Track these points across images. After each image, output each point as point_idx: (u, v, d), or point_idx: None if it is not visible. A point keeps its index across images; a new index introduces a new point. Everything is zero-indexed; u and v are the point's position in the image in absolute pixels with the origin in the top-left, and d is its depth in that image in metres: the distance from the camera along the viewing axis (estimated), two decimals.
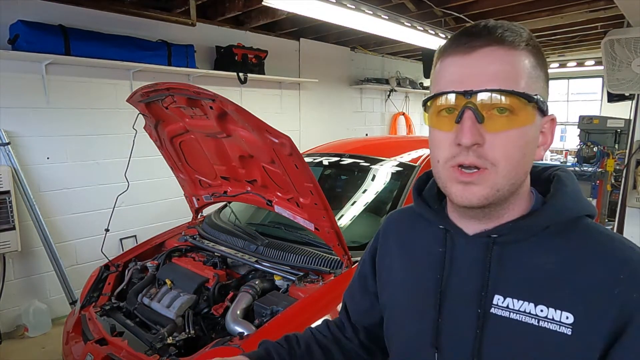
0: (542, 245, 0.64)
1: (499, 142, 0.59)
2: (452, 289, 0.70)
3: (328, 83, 5.53)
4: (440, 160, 0.64)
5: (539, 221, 0.65)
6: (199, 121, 1.87)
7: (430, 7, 3.86)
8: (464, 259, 0.69)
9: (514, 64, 0.59)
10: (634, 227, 2.95)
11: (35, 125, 3.12)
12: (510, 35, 0.59)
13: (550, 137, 0.66)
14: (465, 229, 0.70)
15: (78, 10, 3.23)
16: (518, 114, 0.59)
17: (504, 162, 0.60)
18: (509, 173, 0.60)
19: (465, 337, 0.66)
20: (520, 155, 0.61)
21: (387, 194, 2.31)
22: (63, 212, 3.33)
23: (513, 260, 0.65)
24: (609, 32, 2.66)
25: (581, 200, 0.67)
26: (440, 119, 0.63)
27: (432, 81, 0.66)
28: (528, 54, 0.60)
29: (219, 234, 2.30)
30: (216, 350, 1.51)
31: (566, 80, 8.59)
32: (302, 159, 1.61)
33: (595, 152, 4.57)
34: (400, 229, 0.85)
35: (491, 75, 0.58)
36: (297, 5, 3.04)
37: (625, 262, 0.60)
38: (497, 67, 0.59)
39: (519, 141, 0.60)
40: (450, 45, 0.63)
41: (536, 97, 0.59)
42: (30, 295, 3.19)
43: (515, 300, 0.63)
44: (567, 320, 0.59)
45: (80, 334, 1.93)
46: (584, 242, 0.63)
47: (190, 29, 3.65)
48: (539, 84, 0.62)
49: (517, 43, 0.60)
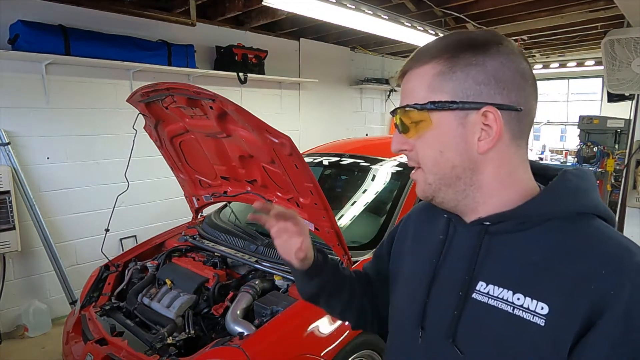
0: (535, 237, 0.65)
1: (418, 145, 0.71)
2: (443, 274, 0.73)
3: (328, 83, 5.53)
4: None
5: (528, 211, 0.66)
6: (199, 121, 1.87)
7: (430, 7, 3.86)
8: (460, 246, 0.73)
9: (416, 81, 0.69)
10: (634, 227, 2.95)
11: (35, 125, 3.12)
12: (421, 55, 0.69)
13: (496, 128, 0.65)
14: (464, 218, 0.73)
15: (78, 10, 3.23)
16: (422, 120, 0.68)
17: (424, 160, 0.71)
18: (433, 167, 0.70)
19: (445, 318, 0.69)
20: (438, 154, 0.69)
21: (387, 194, 2.31)
22: (63, 212, 3.33)
23: (501, 249, 0.67)
24: (609, 32, 2.67)
25: (585, 197, 0.66)
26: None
27: None
28: (434, 66, 0.67)
29: (219, 234, 2.30)
30: (216, 350, 1.51)
31: (566, 80, 8.59)
32: (302, 159, 1.61)
33: (595, 152, 4.58)
34: (419, 218, 0.90)
35: (405, 95, 0.71)
36: (297, 5, 3.04)
37: (613, 259, 0.58)
38: (407, 87, 0.71)
39: (433, 142, 0.69)
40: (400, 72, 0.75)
41: (427, 104, 0.67)
42: (30, 295, 3.19)
43: (496, 287, 0.65)
44: (542, 310, 0.59)
45: (80, 334, 1.94)
46: (576, 237, 0.63)
47: (190, 29, 3.64)
48: (448, 88, 0.66)
49: (424, 61, 0.68)
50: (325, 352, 1.58)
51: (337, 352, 1.61)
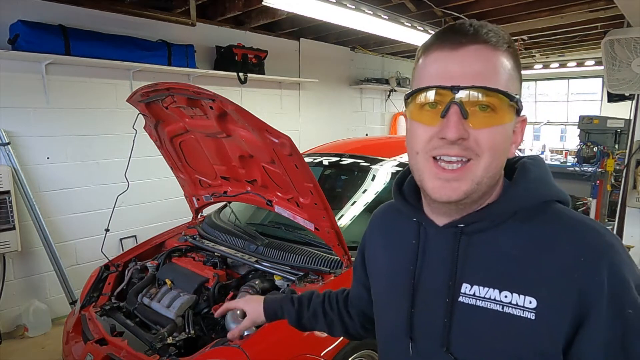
0: (508, 232, 0.65)
1: (482, 137, 0.60)
2: (424, 280, 0.71)
3: (328, 83, 5.53)
4: (419, 152, 0.65)
5: (501, 208, 0.66)
6: (199, 121, 1.87)
7: (430, 7, 3.86)
8: (435, 251, 0.71)
9: (496, 64, 0.61)
10: (634, 227, 2.95)
11: (35, 125, 3.12)
12: (494, 37, 0.61)
13: (521, 136, 0.68)
14: (436, 221, 0.71)
15: (78, 10, 3.23)
16: (499, 111, 0.61)
17: (488, 154, 0.61)
18: (489, 165, 0.62)
19: (435, 326, 0.68)
20: (501, 151, 0.63)
21: (387, 194, 2.31)
22: (63, 212, 3.33)
23: (480, 249, 0.66)
24: (609, 32, 2.67)
25: (547, 185, 0.68)
26: (422, 113, 0.64)
27: (414, 76, 0.68)
28: (508, 56, 0.62)
29: (219, 234, 2.30)
30: (216, 350, 1.51)
31: (566, 80, 8.58)
32: (302, 159, 1.61)
33: (595, 152, 4.57)
34: (384, 222, 0.87)
35: (476, 72, 0.60)
36: (297, 5, 3.04)
37: (586, 245, 0.60)
38: (482, 65, 0.60)
39: (499, 136, 0.62)
40: (435, 41, 0.63)
41: (517, 97, 0.62)
42: (30, 295, 3.19)
43: (481, 288, 0.64)
44: (531, 304, 0.60)
45: (80, 334, 1.93)
46: (549, 226, 0.64)
47: (190, 29, 3.64)
48: (517, 85, 0.64)
49: (499, 44, 0.61)
50: (325, 352, 1.58)
51: (337, 352, 1.61)
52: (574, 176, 4.61)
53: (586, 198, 4.67)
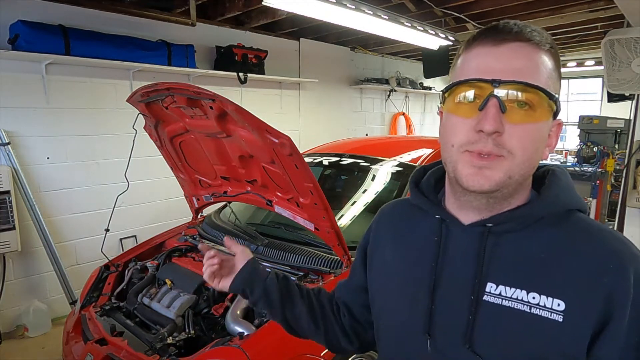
0: (535, 235, 0.66)
1: (517, 134, 0.60)
2: (446, 277, 0.71)
3: (328, 83, 5.53)
4: (455, 145, 0.64)
5: (534, 211, 0.66)
6: (199, 121, 1.87)
7: (430, 7, 3.86)
8: (459, 248, 0.71)
9: (538, 62, 0.61)
10: (634, 227, 2.95)
11: (35, 125, 3.12)
12: (537, 36, 0.61)
13: (555, 140, 0.69)
14: (461, 219, 0.71)
15: (78, 10, 3.23)
16: (537, 109, 0.61)
17: (521, 152, 0.61)
18: (523, 163, 0.62)
19: (457, 323, 0.67)
20: (534, 149, 0.63)
21: (387, 194, 2.31)
22: (63, 212, 3.33)
23: (506, 249, 0.67)
24: (609, 32, 2.67)
25: (573, 195, 0.70)
26: (460, 106, 0.64)
27: (454, 71, 0.68)
28: (550, 56, 0.63)
29: (219, 234, 2.30)
30: (216, 350, 1.51)
31: (566, 80, 8.58)
32: (302, 159, 1.61)
33: (595, 152, 4.57)
34: (394, 220, 0.86)
35: (517, 68, 0.60)
36: (297, 5, 3.04)
37: (614, 252, 0.62)
38: (524, 62, 0.60)
39: (534, 135, 0.62)
40: (478, 38, 0.64)
41: (556, 96, 0.62)
42: (30, 295, 3.19)
43: (507, 288, 0.64)
44: (559, 307, 0.61)
45: (80, 334, 1.93)
46: (575, 233, 0.65)
47: (190, 29, 3.64)
48: (557, 86, 0.64)
49: (542, 44, 0.61)
50: (326, 352, 1.58)
51: None
52: (574, 176, 4.60)
53: (586, 198, 4.67)
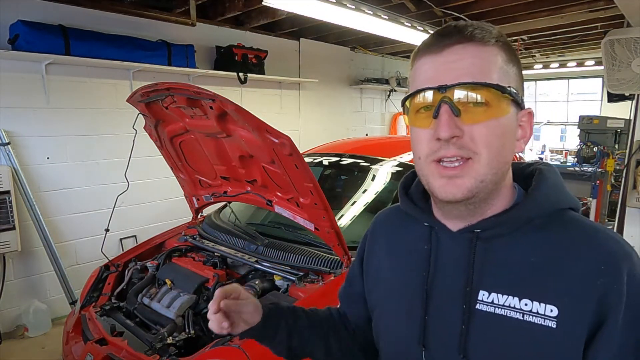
0: (525, 239, 0.65)
1: (477, 133, 0.60)
2: (438, 287, 0.70)
3: (328, 83, 5.53)
4: (421, 157, 0.65)
5: (521, 213, 0.65)
6: (199, 121, 1.87)
7: (430, 7, 3.86)
8: (449, 256, 0.70)
9: (485, 58, 0.61)
10: (634, 227, 2.95)
11: (35, 125, 3.12)
12: (479, 33, 0.61)
13: (529, 130, 0.67)
14: (449, 226, 0.70)
15: (78, 10, 3.23)
16: (492, 105, 0.60)
17: (486, 150, 0.60)
18: (491, 161, 0.61)
19: (451, 334, 0.66)
20: (500, 145, 0.62)
21: (387, 194, 2.31)
22: (63, 212, 3.33)
23: (497, 255, 0.65)
24: (609, 32, 2.67)
25: (563, 193, 0.68)
26: (418, 117, 0.64)
27: (409, 83, 0.68)
28: (499, 50, 0.62)
29: (219, 234, 2.30)
30: (216, 350, 1.51)
31: (566, 80, 8.58)
32: (302, 159, 1.60)
33: (595, 152, 4.57)
34: (388, 228, 0.85)
35: (464, 69, 0.60)
36: (297, 5, 3.04)
37: (608, 253, 0.60)
38: (468, 62, 0.60)
39: (496, 131, 0.61)
40: (424, 47, 0.65)
41: (509, 89, 0.61)
42: (30, 295, 3.19)
43: (500, 295, 0.64)
44: (552, 313, 0.60)
45: (80, 334, 1.93)
46: (567, 234, 0.64)
47: (190, 29, 3.64)
48: (512, 78, 0.63)
49: (486, 39, 0.61)
50: None
51: None
52: (574, 176, 4.62)
53: (586, 198, 4.67)
